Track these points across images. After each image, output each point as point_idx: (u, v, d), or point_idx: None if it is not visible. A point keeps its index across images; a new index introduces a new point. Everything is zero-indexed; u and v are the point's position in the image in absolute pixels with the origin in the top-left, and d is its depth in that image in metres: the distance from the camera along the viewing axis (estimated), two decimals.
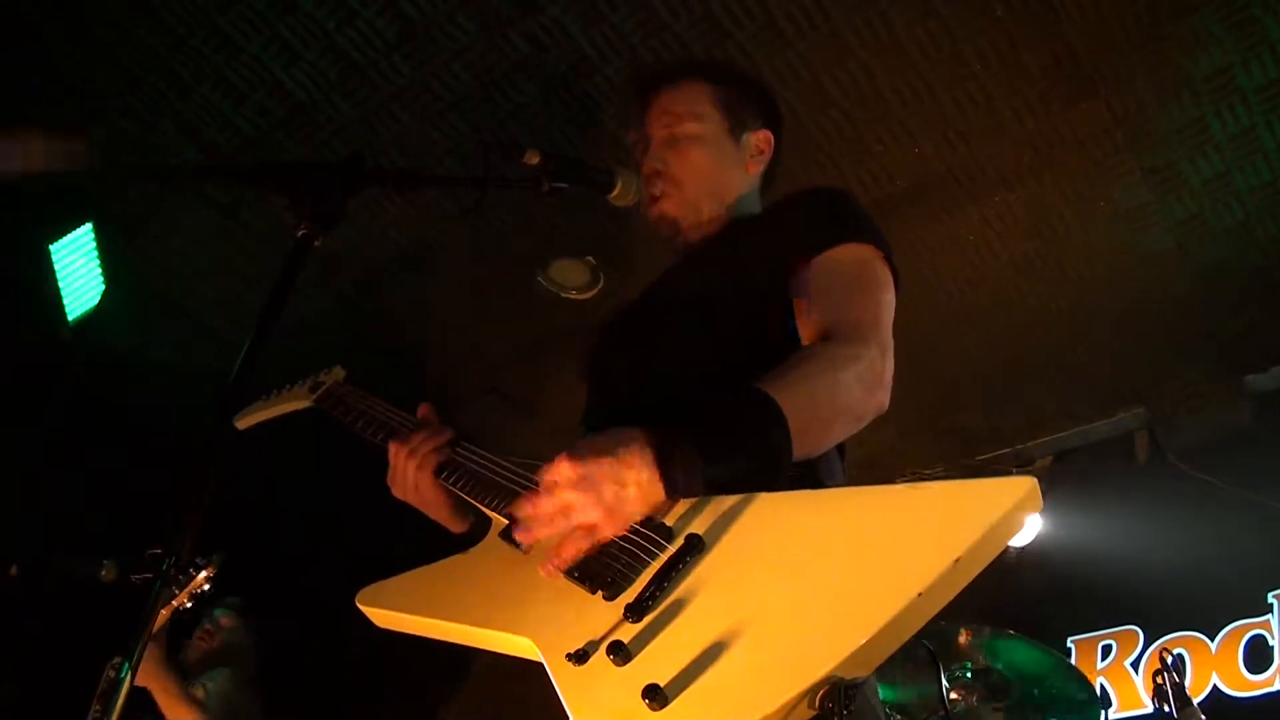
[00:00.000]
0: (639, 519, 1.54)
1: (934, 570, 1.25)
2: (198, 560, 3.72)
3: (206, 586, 3.74)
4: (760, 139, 2.28)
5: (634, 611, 1.43)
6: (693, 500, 1.56)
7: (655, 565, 1.50)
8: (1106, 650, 5.16)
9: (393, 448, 1.97)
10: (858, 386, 1.70)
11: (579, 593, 1.54)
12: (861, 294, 1.87)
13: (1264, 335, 4.76)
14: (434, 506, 1.97)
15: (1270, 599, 4.80)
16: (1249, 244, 4.33)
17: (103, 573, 3.58)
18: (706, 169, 2.18)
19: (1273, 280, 4.46)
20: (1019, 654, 3.76)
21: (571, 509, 1.51)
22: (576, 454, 1.52)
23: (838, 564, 1.36)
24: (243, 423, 2.35)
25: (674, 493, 1.53)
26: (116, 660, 1.09)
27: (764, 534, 1.47)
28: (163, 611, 3.64)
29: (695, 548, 1.48)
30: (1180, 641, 4.88)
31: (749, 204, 2.25)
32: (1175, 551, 4.83)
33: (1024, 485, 1.31)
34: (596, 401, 2.12)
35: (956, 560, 1.25)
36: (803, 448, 1.61)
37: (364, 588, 1.75)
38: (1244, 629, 4.82)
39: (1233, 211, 4.19)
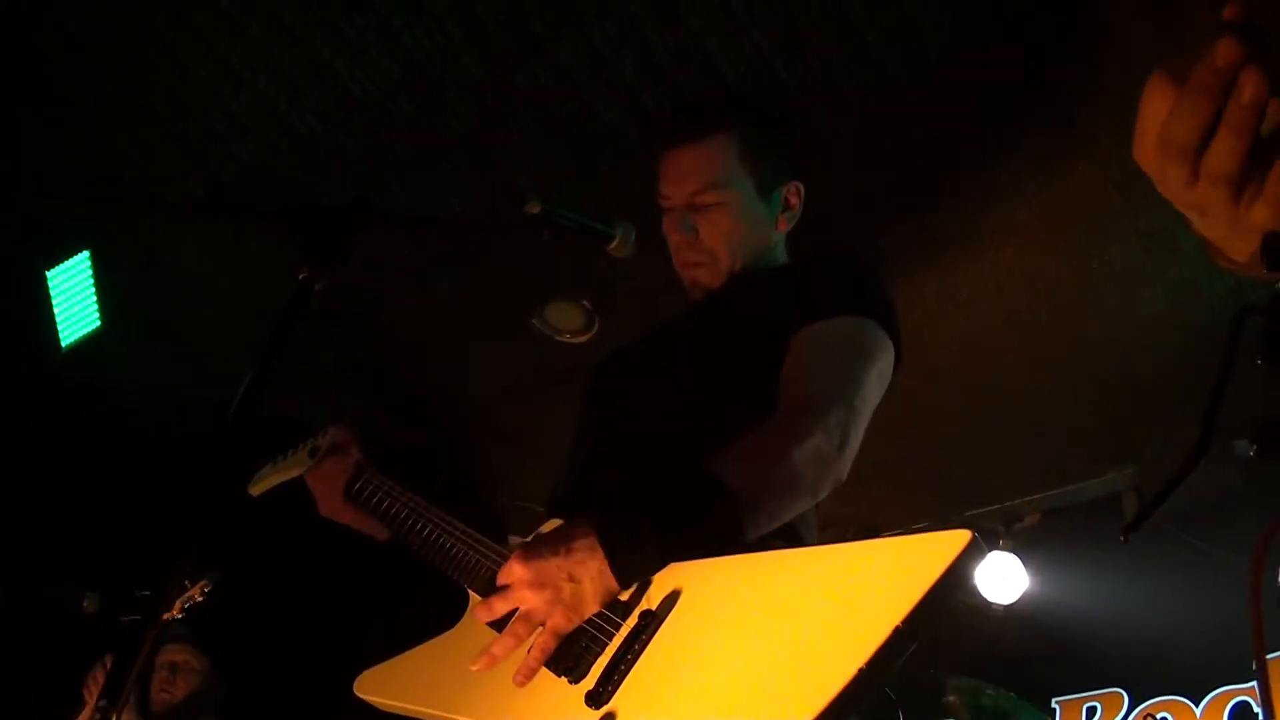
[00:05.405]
0: (597, 609, 1.56)
1: (874, 641, 1.23)
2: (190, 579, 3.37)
3: (199, 598, 3.37)
4: (790, 192, 2.21)
5: (593, 700, 1.46)
6: None
7: (612, 646, 1.52)
8: (1091, 712, 5.13)
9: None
10: (809, 467, 1.67)
11: (546, 675, 1.56)
12: (835, 366, 1.83)
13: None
14: (355, 526, 2.13)
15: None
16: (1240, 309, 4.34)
17: (85, 604, 3.49)
18: (737, 235, 2.13)
19: None
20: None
21: (531, 611, 1.54)
22: (528, 554, 1.55)
23: (781, 636, 1.35)
24: (256, 489, 2.37)
25: (627, 584, 1.55)
26: (103, 703, 1.08)
27: (708, 607, 1.48)
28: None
29: (647, 625, 1.50)
30: (1165, 706, 4.86)
31: (775, 254, 2.24)
32: (1162, 614, 4.82)
33: (960, 539, 1.26)
34: (590, 449, 2.11)
35: (896, 629, 1.22)
36: (758, 528, 1.61)
37: (362, 675, 1.81)
38: (1229, 694, 4.79)
39: (1224, 278, 4.21)
